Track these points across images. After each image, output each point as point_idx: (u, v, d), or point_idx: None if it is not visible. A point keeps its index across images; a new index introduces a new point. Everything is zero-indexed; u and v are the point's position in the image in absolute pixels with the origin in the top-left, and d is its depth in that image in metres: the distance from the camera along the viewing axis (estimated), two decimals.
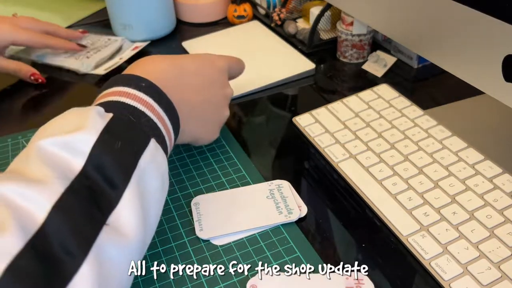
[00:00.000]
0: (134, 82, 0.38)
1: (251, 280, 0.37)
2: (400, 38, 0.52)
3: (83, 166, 0.31)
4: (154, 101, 0.38)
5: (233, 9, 0.78)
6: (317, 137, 0.51)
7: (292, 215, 0.43)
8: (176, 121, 0.40)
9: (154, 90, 0.38)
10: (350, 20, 0.63)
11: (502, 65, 0.39)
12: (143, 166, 0.33)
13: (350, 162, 0.48)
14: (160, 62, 0.43)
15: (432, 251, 0.39)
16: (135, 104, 0.36)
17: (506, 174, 0.44)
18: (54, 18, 0.83)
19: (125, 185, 0.32)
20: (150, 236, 0.35)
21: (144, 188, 0.33)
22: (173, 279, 0.38)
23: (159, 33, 0.75)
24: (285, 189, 0.46)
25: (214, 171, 0.49)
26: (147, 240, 0.34)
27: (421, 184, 0.44)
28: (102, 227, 0.30)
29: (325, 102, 0.57)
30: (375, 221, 0.43)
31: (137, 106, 0.36)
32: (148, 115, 0.37)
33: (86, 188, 0.30)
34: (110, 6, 0.73)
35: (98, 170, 0.31)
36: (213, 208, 0.44)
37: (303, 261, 0.39)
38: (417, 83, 0.62)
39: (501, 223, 0.40)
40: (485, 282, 0.36)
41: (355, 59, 0.66)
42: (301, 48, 0.69)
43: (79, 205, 0.29)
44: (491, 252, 0.38)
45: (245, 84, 0.62)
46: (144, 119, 0.36)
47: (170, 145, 0.40)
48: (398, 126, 0.51)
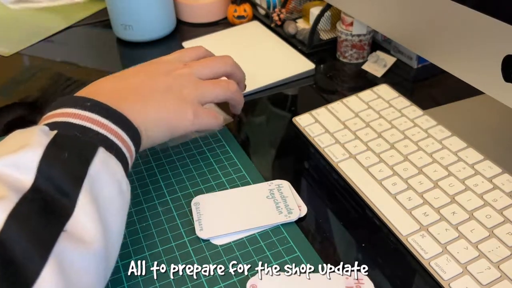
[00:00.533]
0: (79, 103, 0.38)
1: (251, 280, 0.37)
2: (400, 38, 0.52)
3: (33, 181, 0.31)
4: (102, 117, 0.37)
5: (233, 9, 0.78)
6: (317, 137, 0.51)
7: (292, 215, 0.43)
8: (133, 131, 0.40)
9: (100, 107, 0.38)
10: (350, 21, 0.63)
11: (502, 65, 0.39)
12: (94, 174, 0.34)
13: (350, 162, 0.48)
14: (104, 82, 0.44)
15: (432, 251, 0.39)
16: (82, 123, 0.36)
17: (506, 174, 0.44)
18: (54, 18, 0.83)
19: (77, 192, 0.32)
20: (116, 244, 0.35)
21: (98, 195, 0.34)
22: (173, 278, 0.38)
23: (159, 33, 0.75)
24: (285, 189, 0.46)
25: (214, 171, 0.49)
26: (111, 248, 0.34)
27: (421, 184, 0.44)
28: (60, 233, 0.30)
29: (325, 102, 0.57)
30: (375, 221, 0.43)
31: (84, 124, 0.36)
32: (96, 130, 0.37)
33: (39, 199, 0.31)
34: (110, 6, 0.73)
35: (48, 181, 0.32)
36: (213, 208, 0.44)
37: (303, 261, 0.39)
38: (417, 83, 0.62)
39: (501, 223, 0.40)
40: (484, 282, 0.36)
41: (355, 59, 0.66)
42: (301, 48, 0.69)
43: (35, 213, 0.30)
44: (490, 252, 0.38)
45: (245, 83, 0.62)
46: (92, 134, 0.36)
47: (130, 155, 0.39)
48: (397, 126, 0.51)
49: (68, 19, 0.82)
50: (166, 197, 0.46)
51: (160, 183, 0.48)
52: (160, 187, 0.47)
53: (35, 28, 0.80)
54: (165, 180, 0.48)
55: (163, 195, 0.46)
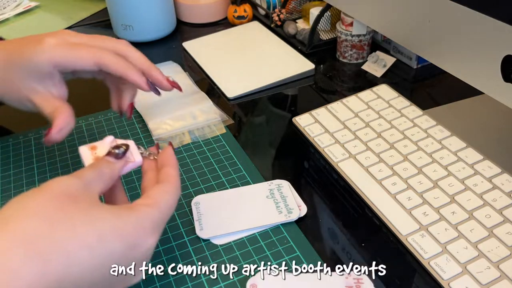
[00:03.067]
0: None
1: (251, 280, 0.37)
2: (399, 39, 0.52)
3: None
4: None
5: (233, 9, 0.78)
6: (317, 137, 0.51)
7: (292, 215, 0.43)
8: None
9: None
10: (350, 21, 0.63)
11: (501, 65, 0.39)
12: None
13: (350, 162, 0.48)
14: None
15: (432, 250, 0.39)
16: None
17: (505, 174, 0.44)
18: (55, 19, 0.83)
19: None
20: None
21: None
22: (173, 278, 0.38)
23: (159, 33, 0.75)
24: (285, 189, 0.46)
25: (214, 171, 0.49)
26: None
27: (421, 184, 0.44)
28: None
29: (325, 102, 0.57)
30: (375, 220, 0.43)
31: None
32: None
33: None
34: (110, 6, 0.73)
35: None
36: (213, 208, 0.44)
37: (303, 260, 0.39)
38: (417, 83, 0.63)
39: (500, 222, 0.40)
40: (484, 282, 0.36)
41: (354, 59, 0.67)
42: (301, 48, 0.69)
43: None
44: (490, 252, 0.38)
45: (245, 84, 0.62)
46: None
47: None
48: (397, 126, 0.51)
49: (68, 19, 0.82)
50: None
51: None
52: None
53: (35, 29, 0.80)
54: None
55: None
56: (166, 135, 0.54)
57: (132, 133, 0.55)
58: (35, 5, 0.87)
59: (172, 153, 0.39)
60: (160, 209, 0.34)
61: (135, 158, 0.38)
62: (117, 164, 0.36)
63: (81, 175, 0.33)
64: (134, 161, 0.38)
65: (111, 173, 0.35)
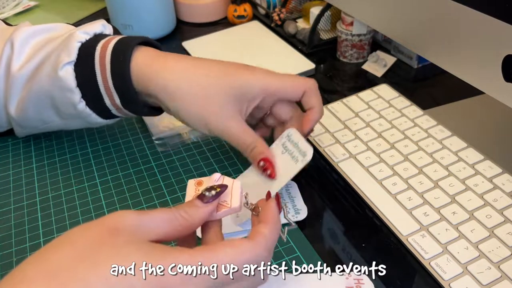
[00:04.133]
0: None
1: None
2: (400, 38, 0.52)
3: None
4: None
5: (233, 9, 0.78)
6: (317, 137, 0.51)
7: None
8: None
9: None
10: (350, 20, 0.63)
11: (502, 65, 0.39)
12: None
13: (350, 162, 0.48)
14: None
15: (432, 251, 0.39)
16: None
17: (506, 174, 0.44)
18: (54, 18, 0.83)
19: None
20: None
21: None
22: None
23: (159, 33, 0.75)
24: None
25: (214, 171, 0.49)
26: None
27: (421, 184, 0.44)
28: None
29: (325, 102, 0.57)
30: (375, 221, 0.43)
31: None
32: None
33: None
34: (110, 6, 0.73)
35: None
36: None
37: (303, 261, 0.39)
38: (417, 83, 0.62)
39: (501, 223, 0.40)
40: (485, 282, 0.36)
41: (355, 59, 0.66)
42: (301, 48, 0.69)
43: None
44: (491, 252, 0.38)
45: None
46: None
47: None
48: (398, 126, 0.51)
49: (68, 19, 0.82)
50: (166, 197, 0.46)
51: (160, 183, 0.48)
52: (160, 187, 0.47)
53: None
54: (165, 180, 0.48)
55: (163, 195, 0.46)
56: (166, 135, 0.54)
57: (132, 133, 0.55)
58: (35, 5, 0.87)
59: (275, 211, 0.33)
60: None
61: (232, 204, 0.32)
62: (202, 209, 0.32)
63: (146, 214, 0.31)
64: (230, 207, 0.32)
65: (185, 220, 0.31)
